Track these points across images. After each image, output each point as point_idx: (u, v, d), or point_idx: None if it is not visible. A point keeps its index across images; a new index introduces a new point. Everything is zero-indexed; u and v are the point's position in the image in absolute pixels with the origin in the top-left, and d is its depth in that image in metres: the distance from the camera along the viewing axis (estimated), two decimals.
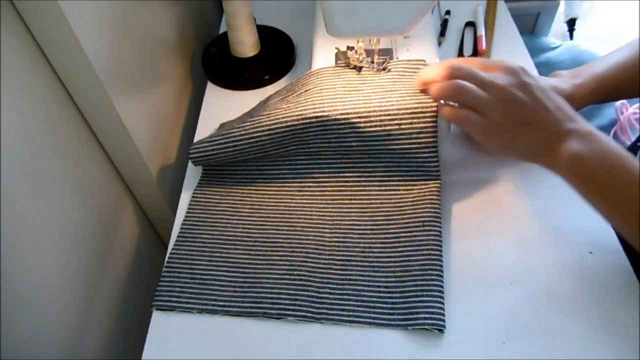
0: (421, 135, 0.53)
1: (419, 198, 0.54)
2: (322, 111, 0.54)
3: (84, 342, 0.50)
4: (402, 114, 0.53)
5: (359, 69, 0.58)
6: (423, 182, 0.56)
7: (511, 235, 0.53)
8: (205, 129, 0.66)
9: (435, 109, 0.52)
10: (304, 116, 0.54)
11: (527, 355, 0.45)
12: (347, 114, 0.53)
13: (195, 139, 0.65)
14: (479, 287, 0.49)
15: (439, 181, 0.55)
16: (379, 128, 0.53)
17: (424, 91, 0.54)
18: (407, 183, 0.56)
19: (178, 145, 0.69)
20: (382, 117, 0.53)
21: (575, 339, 0.45)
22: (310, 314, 0.48)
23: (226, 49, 0.74)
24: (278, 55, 0.75)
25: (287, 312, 0.48)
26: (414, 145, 0.54)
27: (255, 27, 0.73)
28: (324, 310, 0.48)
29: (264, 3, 0.85)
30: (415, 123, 0.53)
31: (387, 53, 0.62)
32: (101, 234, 0.54)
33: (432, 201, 0.54)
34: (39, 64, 0.45)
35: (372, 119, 0.53)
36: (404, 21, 0.54)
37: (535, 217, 0.54)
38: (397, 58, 0.62)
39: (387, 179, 0.56)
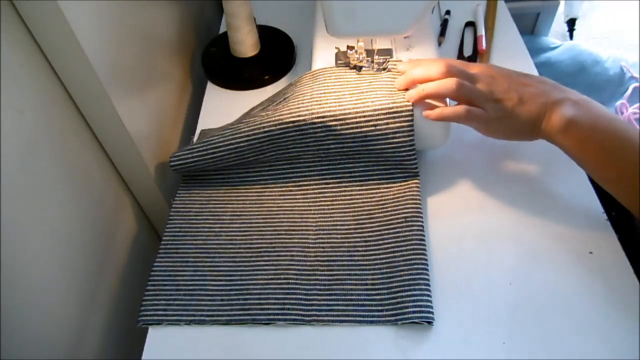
0: (397, 134, 0.53)
1: (399, 195, 0.55)
2: (299, 115, 0.54)
3: (84, 342, 0.50)
4: (378, 114, 0.53)
5: (359, 68, 0.58)
6: (403, 180, 0.56)
7: (511, 236, 0.53)
8: (205, 128, 0.66)
9: (410, 108, 0.52)
10: (281, 121, 0.54)
11: (527, 355, 0.45)
12: (323, 117, 0.53)
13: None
14: (479, 287, 0.49)
15: (418, 178, 0.56)
16: (355, 130, 0.53)
17: (406, 89, 0.54)
18: (387, 181, 0.56)
19: (178, 145, 0.69)
20: (357, 119, 0.53)
21: (575, 338, 0.45)
22: (299, 317, 0.48)
23: (226, 49, 0.74)
24: (278, 55, 0.75)
25: (276, 317, 0.48)
26: (391, 145, 0.54)
27: (255, 27, 0.73)
28: (313, 312, 0.48)
29: (264, 3, 0.85)
30: (391, 123, 0.53)
31: (387, 53, 0.62)
32: (101, 234, 0.54)
33: (413, 197, 0.54)
34: (39, 64, 0.45)
35: (347, 121, 0.53)
36: (404, 21, 0.54)
37: (535, 217, 0.54)
38: (397, 58, 0.62)
39: (366, 178, 0.57)
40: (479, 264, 0.51)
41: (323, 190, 0.57)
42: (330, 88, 0.56)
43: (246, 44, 0.72)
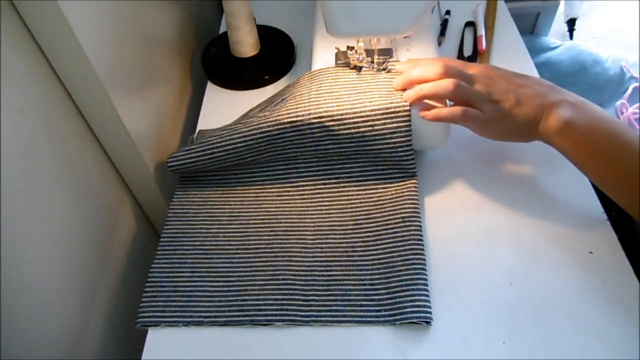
0: (395, 135, 0.53)
1: (397, 195, 0.55)
2: (296, 116, 0.54)
3: (84, 342, 0.50)
4: (375, 114, 0.53)
5: (358, 68, 0.58)
6: (401, 180, 0.56)
7: (511, 235, 0.53)
8: (205, 128, 0.66)
9: (408, 108, 0.53)
10: (278, 122, 0.54)
11: (527, 355, 0.45)
12: (321, 117, 0.53)
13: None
14: (479, 287, 0.49)
15: (416, 178, 0.56)
16: (352, 130, 0.53)
17: (404, 89, 0.54)
18: (384, 182, 0.56)
19: (178, 145, 0.69)
20: (355, 119, 0.53)
21: (575, 339, 0.45)
22: (298, 318, 0.48)
23: (226, 49, 0.74)
24: (278, 55, 0.75)
25: (274, 318, 0.48)
26: (388, 145, 0.54)
27: (255, 27, 0.73)
28: (312, 313, 0.48)
29: (264, 3, 0.85)
30: (389, 123, 0.53)
31: (387, 53, 0.62)
32: (100, 234, 0.54)
33: (411, 197, 0.54)
34: (39, 64, 0.45)
35: (345, 121, 0.53)
36: (404, 21, 0.54)
37: (535, 217, 0.54)
38: (397, 58, 0.62)
39: (364, 179, 0.57)
40: (479, 264, 0.51)
41: (321, 191, 0.57)
42: (328, 88, 0.56)
43: (246, 44, 0.72)
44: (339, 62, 0.61)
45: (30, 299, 0.42)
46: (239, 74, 0.73)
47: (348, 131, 0.54)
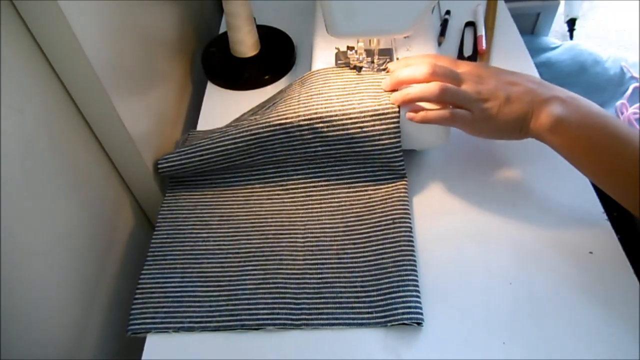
0: (384, 136, 0.53)
1: (387, 197, 0.55)
2: (285, 118, 0.54)
3: (84, 342, 0.50)
4: (364, 116, 0.53)
5: (359, 69, 0.58)
6: (390, 181, 0.56)
7: (511, 235, 0.53)
8: (205, 128, 0.66)
9: (396, 110, 0.52)
10: (268, 124, 0.54)
11: (526, 355, 0.45)
12: (310, 119, 0.53)
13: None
14: (479, 287, 0.49)
15: (405, 179, 0.56)
16: (341, 131, 0.53)
17: (393, 90, 0.54)
18: (374, 183, 0.56)
19: None
20: (344, 121, 0.53)
21: (575, 338, 0.45)
22: (289, 321, 0.47)
23: (226, 48, 0.74)
24: (278, 55, 0.75)
25: (265, 322, 0.47)
26: (377, 147, 0.54)
27: (255, 27, 0.73)
28: (303, 316, 0.48)
29: (264, 3, 0.85)
30: (377, 125, 0.53)
31: (387, 53, 0.62)
32: (100, 234, 0.54)
33: (401, 199, 0.54)
34: (39, 64, 0.45)
35: (334, 123, 0.53)
36: (404, 21, 0.54)
37: (534, 217, 0.54)
38: (397, 58, 0.62)
39: (354, 180, 0.57)
40: (479, 264, 0.51)
41: (311, 193, 0.57)
42: (318, 90, 0.56)
43: (246, 44, 0.72)
44: (339, 62, 0.61)
45: (30, 299, 0.42)
46: (239, 74, 0.73)
47: (337, 133, 0.53)
